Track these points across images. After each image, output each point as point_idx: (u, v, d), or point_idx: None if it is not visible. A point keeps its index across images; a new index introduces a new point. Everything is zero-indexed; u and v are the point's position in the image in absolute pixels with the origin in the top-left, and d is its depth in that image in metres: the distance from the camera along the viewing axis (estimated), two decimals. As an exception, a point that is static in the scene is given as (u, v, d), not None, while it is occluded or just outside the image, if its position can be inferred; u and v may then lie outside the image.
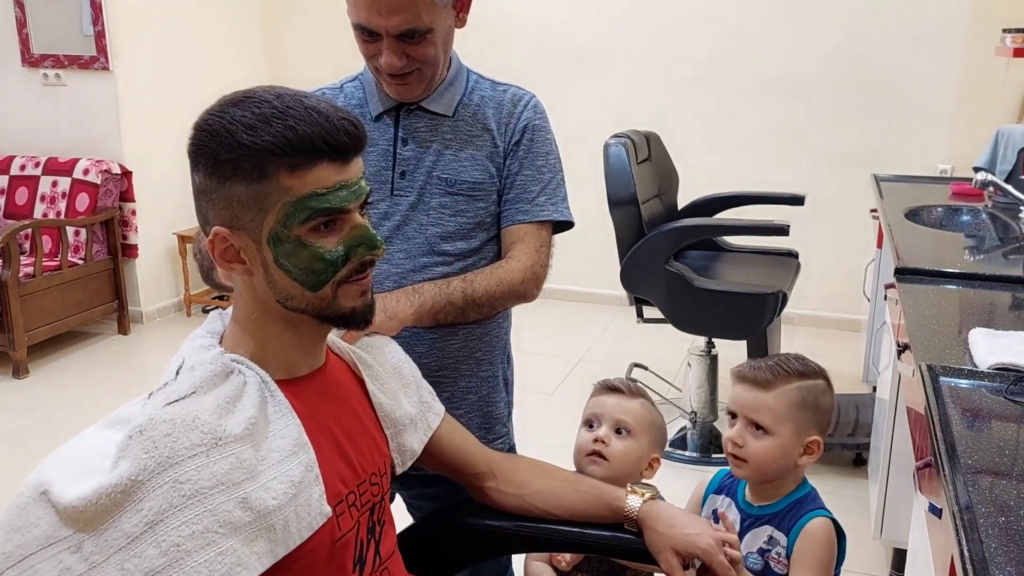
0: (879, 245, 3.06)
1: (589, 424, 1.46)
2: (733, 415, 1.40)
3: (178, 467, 0.86)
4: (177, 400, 0.91)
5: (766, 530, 1.37)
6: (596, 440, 1.40)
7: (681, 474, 1.29)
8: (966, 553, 0.90)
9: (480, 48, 4.62)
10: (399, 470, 1.18)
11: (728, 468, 1.46)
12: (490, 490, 1.28)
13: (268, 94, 0.95)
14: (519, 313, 1.57)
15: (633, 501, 1.21)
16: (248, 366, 0.98)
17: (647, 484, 1.30)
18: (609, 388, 1.47)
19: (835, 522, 1.35)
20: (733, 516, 1.40)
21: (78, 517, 0.86)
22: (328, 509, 0.97)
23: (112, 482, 0.85)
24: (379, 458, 1.12)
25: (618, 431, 1.42)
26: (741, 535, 1.36)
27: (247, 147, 0.91)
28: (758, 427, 1.35)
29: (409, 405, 1.20)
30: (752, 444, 1.35)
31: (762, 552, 1.36)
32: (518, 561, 1.51)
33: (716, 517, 1.45)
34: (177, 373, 0.96)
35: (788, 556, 1.34)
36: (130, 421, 0.91)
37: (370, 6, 1.27)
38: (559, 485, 1.26)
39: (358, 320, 1.02)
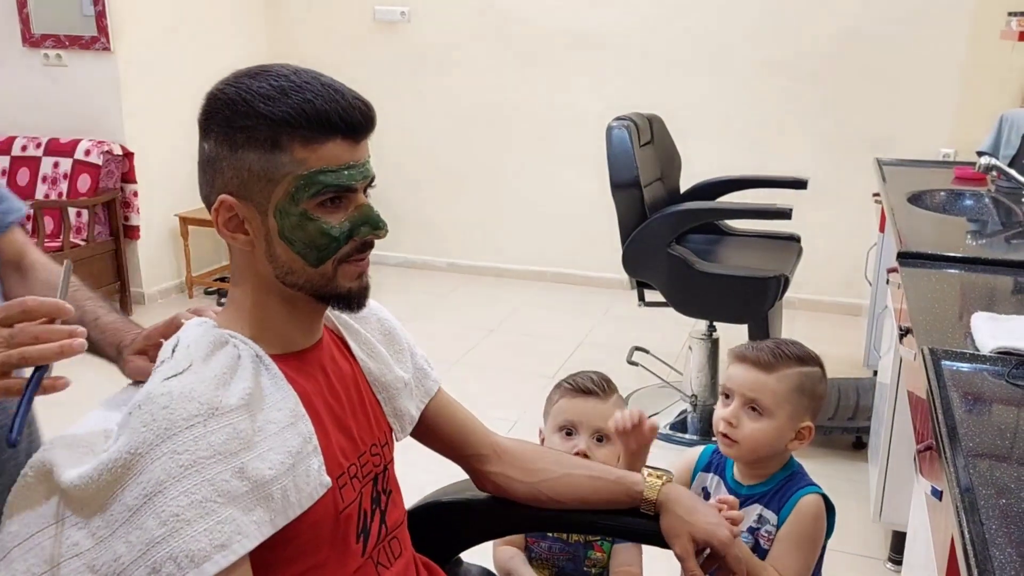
0: (881, 229, 3.06)
1: (566, 431, 1.44)
2: (727, 394, 1.40)
3: (175, 438, 0.86)
4: (175, 375, 0.91)
5: (755, 509, 1.38)
6: (577, 453, 1.40)
7: (682, 456, 1.32)
8: (966, 534, 0.90)
9: (481, 30, 4.60)
10: (400, 436, 1.18)
11: (715, 445, 1.46)
12: (494, 475, 1.27)
13: (284, 69, 0.96)
14: (520, 296, 1.56)
15: (652, 484, 1.22)
16: (242, 340, 0.98)
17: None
18: (583, 391, 1.45)
19: (825, 497, 1.36)
20: (722, 495, 1.41)
21: (81, 495, 0.87)
22: (328, 480, 0.98)
23: (112, 458, 0.86)
24: (378, 429, 1.12)
25: (598, 438, 1.41)
26: None
27: (264, 116, 0.92)
28: (754, 408, 1.36)
29: (402, 370, 1.18)
30: (748, 425, 1.36)
31: (752, 531, 1.37)
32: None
33: (707, 495, 1.45)
34: (173, 351, 0.96)
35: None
36: (131, 399, 0.92)
37: None
38: (572, 472, 1.25)
39: (353, 301, 1.02)
